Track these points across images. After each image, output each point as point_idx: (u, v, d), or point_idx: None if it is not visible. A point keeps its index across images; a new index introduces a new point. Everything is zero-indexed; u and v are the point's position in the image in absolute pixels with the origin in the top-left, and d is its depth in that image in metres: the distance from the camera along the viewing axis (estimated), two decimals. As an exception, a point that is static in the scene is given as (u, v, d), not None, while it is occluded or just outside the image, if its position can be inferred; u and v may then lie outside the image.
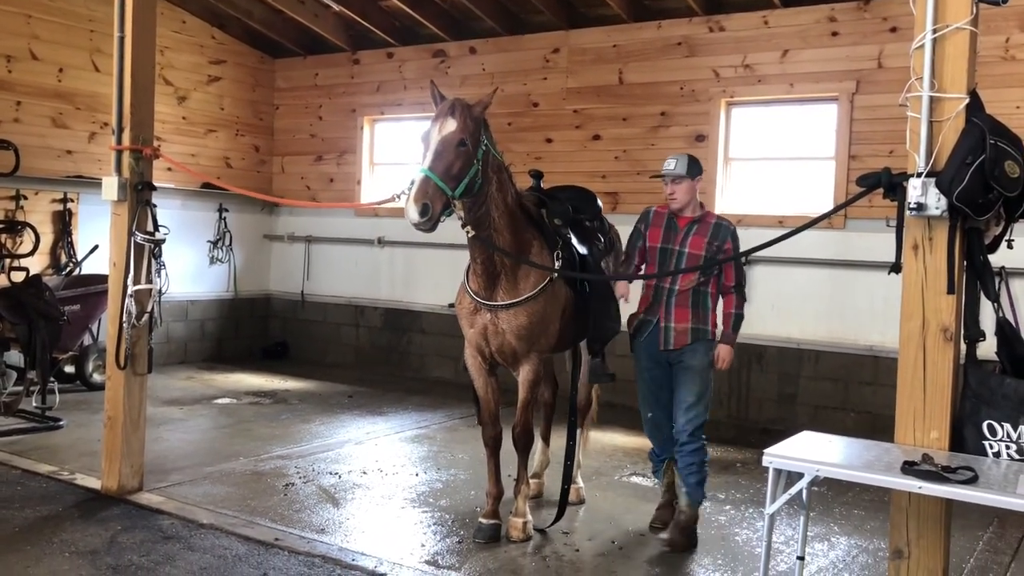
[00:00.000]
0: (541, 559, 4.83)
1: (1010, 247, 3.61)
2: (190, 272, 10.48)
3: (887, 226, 3.56)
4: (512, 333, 4.85)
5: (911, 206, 3.27)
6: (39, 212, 9.13)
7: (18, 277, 8.01)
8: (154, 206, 5.57)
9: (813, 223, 3.94)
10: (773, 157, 8.54)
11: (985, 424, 3.31)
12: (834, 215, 7.54)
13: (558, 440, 5.52)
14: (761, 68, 8.39)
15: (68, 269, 9.10)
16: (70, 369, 8.62)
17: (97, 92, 9.51)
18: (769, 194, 8.46)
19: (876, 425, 7.46)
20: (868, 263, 7.64)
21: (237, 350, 11.23)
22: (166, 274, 5.59)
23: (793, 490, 3.39)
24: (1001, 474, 3.14)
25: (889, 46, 7.75)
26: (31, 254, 8.68)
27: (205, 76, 10.97)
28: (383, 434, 7.57)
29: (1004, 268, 6.49)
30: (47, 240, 9.13)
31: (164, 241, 5.57)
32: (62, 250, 9.27)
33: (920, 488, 3.05)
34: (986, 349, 3.49)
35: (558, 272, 4.90)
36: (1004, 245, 3.58)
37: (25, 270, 8.27)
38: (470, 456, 6.78)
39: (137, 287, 5.43)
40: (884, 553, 4.86)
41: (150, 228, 5.53)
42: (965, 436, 3.35)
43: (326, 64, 11.34)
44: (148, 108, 5.59)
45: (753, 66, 8.42)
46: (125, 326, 5.42)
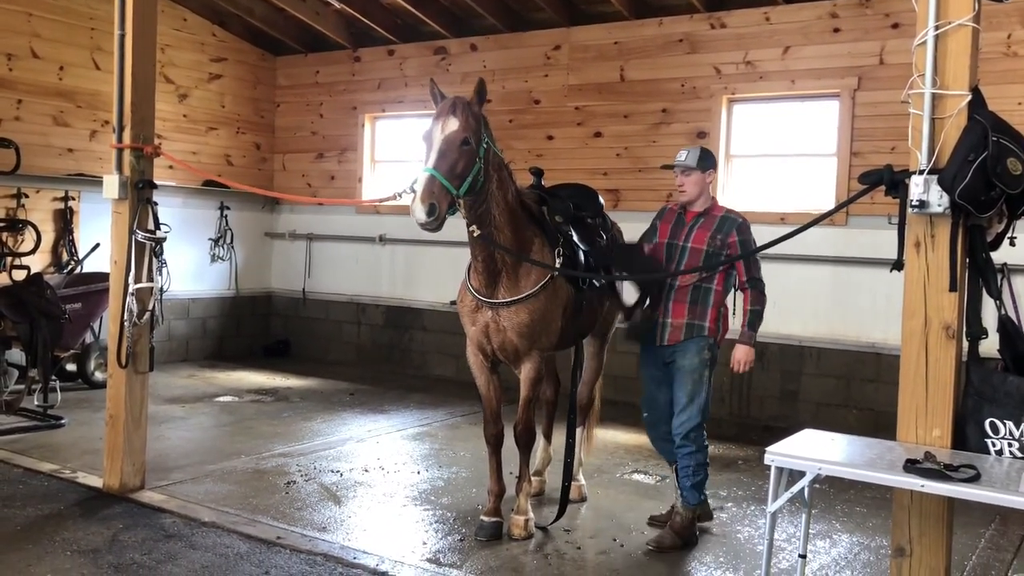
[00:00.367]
0: (543, 557, 4.83)
1: (1012, 244, 3.61)
2: (191, 270, 10.48)
3: (889, 223, 3.55)
4: (514, 330, 4.85)
5: (913, 203, 3.27)
6: (40, 210, 9.13)
7: (19, 275, 8.00)
8: (155, 204, 5.56)
9: (816, 222, 3.92)
10: (775, 154, 8.53)
11: (987, 422, 3.31)
12: (836, 212, 7.52)
13: (560, 438, 5.52)
14: (762, 65, 8.38)
15: (69, 267, 9.10)
16: (72, 367, 8.64)
17: (98, 90, 9.51)
18: (771, 191, 8.44)
19: (878, 423, 7.46)
20: (870, 260, 7.63)
21: (238, 348, 11.24)
22: (167, 272, 5.58)
23: (795, 488, 3.39)
24: (1003, 472, 3.14)
25: (891, 42, 7.73)
26: (32, 252, 8.66)
27: (206, 74, 10.96)
28: (385, 432, 7.57)
29: (1006, 265, 6.47)
30: (48, 238, 9.13)
31: (165, 239, 5.56)
32: (63, 248, 9.27)
33: (922, 486, 3.05)
34: (988, 347, 3.49)
35: (558, 270, 4.90)
36: (1006, 242, 3.58)
37: (26, 268, 8.25)
38: (471, 454, 6.79)
39: (138, 285, 5.43)
40: (886, 551, 4.86)
41: (151, 226, 5.52)
42: (967, 434, 3.35)
43: (327, 61, 11.34)
44: (149, 106, 5.58)
45: (754, 63, 8.41)
46: (126, 324, 5.42)
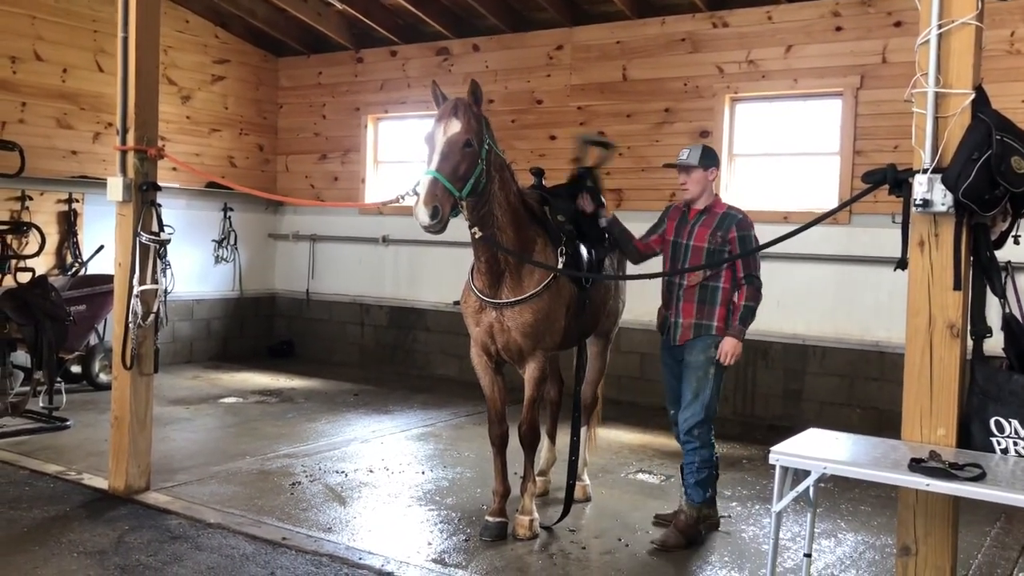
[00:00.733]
0: (548, 557, 4.83)
1: (1016, 243, 3.62)
2: (195, 271, 10.49)
3: (893, 222, 3.57)
4: (517, 330, 4.85)
5: (917, 202, 3.26)
6: (44, 213, 9.14)
7: (24, 278, 8.04)
8: (159, 206, 5.58)
9: (819, 220, 3.92)
10: (777, 153, 8.52)
11: (992, 420, 3.30)
12: (839, 211, 7.51)
13: (565, 438, 5.52)
14: (765, 64, 8.37)
15: (74, 269, 9.11)
16: (76, 369, 8.64)
17: (101, 92, 9.52)
18: (774, 190, 8.43)
19: (883, 421, 7.45)
20: (874, 259, 7.62)
21: (243, 349, 11.25)
22: (171, 274, 5.59)
23: (800, 488, 3.39)
24: (1009, 471, 3.14)
25: (894, 41, 7.72)
26: (37, 255, 8.70)
27: (209, 75, 10.97)
28: (389, 432, 7.57)
29: (1010, 264, 6.38)
30: (53, 240, 9.15)
31: (169, 241, 5.57)
32: (68, 250, 9.28)
33: (928, 485, 3.05)
34: (993, 345, 3.49)
35: (560, 271, 4.90)
36: (1010, 241, 3.59)
37: (31, 271, 8.30)
38: (476, 454, 6.79)
39: (143, 287, 5.43)
40: (891, 549, 4.86)
41: (155, 228, 5.53)
42: (972, 433, 3.34)
43: (329, 63, 11.34)
44: (152, 108, 5.59)
45: (757, 62, 8.40)
46: (131, 326, 5.43)
